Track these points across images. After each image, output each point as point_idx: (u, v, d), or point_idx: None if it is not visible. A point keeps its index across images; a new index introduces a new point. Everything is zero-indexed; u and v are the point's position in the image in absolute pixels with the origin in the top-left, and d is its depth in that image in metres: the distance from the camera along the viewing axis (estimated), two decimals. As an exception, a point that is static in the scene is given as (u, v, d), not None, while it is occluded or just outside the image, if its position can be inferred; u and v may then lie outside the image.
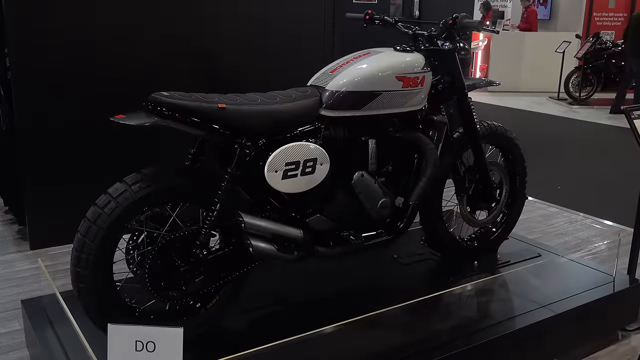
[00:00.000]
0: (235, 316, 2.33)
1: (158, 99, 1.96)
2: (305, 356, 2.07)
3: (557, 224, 4.26)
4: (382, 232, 2.45)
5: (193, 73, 3.90)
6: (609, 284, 2.76)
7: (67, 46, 3.46)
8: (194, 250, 2.06)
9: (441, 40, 2.53)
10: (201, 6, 3.85)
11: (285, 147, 2.11)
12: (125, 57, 3.64)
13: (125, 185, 1.96)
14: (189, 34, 3.84)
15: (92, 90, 3.55)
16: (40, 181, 3.53)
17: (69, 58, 3.48)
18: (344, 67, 2.34)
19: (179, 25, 3.79)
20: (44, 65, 3.42)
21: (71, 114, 3.52)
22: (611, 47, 10.57)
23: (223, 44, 3.99)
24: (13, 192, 3.88)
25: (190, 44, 3.86)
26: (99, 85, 3.56)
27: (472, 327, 2.36)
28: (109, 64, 3.59)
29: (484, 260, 2.97)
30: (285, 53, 4.20)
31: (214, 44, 3.96)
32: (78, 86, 3.52)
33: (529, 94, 11.17)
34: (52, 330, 2.27)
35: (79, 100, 3.52)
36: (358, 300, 2.56)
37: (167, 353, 1.71)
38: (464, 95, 2.62)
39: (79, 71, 3.51)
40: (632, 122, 2.83)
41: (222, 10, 3.94)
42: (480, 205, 2.89)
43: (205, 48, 3.94)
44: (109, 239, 1.93)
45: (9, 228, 3.98)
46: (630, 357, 2.64)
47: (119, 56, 3.62)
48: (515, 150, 2.96)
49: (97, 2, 3.51)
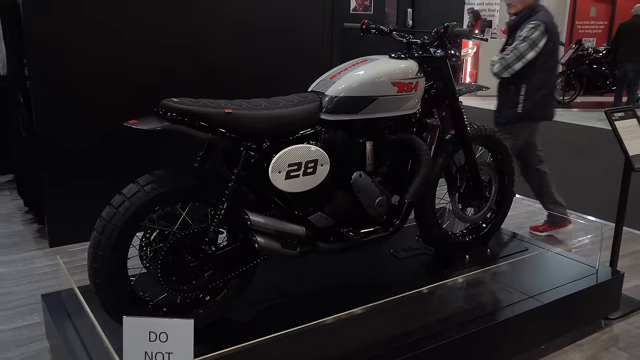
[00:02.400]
0: (242, 308, 2.33)
1: (168, 105, 1.96)
2: (308, 345, 2.07)
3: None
4: (379, 229, 2.45)
5: (201, 80, 3.91)
6: (592, 275, 2.76)
7: (81, 57, 3.47)
8: (203, 247, 2.06)
9: (433, 48, 2.53)
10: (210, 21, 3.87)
11: (288, 149, 2.11)
12: (137, 67, 3.65)
13: (138, 186, 1.96)
14: (198, 45, 3.85)
15: (106, 97, 3.55)
16: (58, 183, 3.53)
17: (84, 68, 3.49)
18: (342, 74, 2.34)
19: (188, 37, 3.79)
20: (60, 75, 3.43)
21: (86, 120, 3.53)
22: (592, 53, 10.57)
23: (230, 53, 3.99)
24: (32, 193, 3.88)
25: (198, 54, 3.87)
26: (112, 93, 3.57)
27: (464, 316, 2.35)
28: (121, 73, 3.60)
29: (475, 254, 2.96)
30: (287, 61, 4.21)
31: (221, 53, 3.97)
32: (92, 94, 3.53)
33: (516, 97, 11.13)
34: (70, 323, 2.27)
35: (93, 107, 3.53)
36: (357, 292, 2.56)
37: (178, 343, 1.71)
38: (455, 100, 2.62)
39: (92, 80, 3.52)
40: (613, 123, 2.83)
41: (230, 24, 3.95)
42: (471, 202, 2.89)
43: (213, 57, 3.94)
44: (124, 237, 1.93)
45: (29, 227, 3.98)
46: (613, 343, 2.64)
47: (131, 66, 3.63)
48: (503, 151, 2.96)
49: (109, 17, 3.51)
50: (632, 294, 3.06)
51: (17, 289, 3.09)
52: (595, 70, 10.45)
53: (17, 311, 2.86)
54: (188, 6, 3.76)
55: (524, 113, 3.60)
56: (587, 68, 10.44)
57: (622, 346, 2.62)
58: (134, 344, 1.71)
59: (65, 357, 2.10)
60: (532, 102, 3.57)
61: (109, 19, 3.52)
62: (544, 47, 3.49)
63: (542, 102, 3.61)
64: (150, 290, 2.11)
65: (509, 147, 3.01)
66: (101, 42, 3.51)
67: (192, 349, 1.72)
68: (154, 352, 1.71)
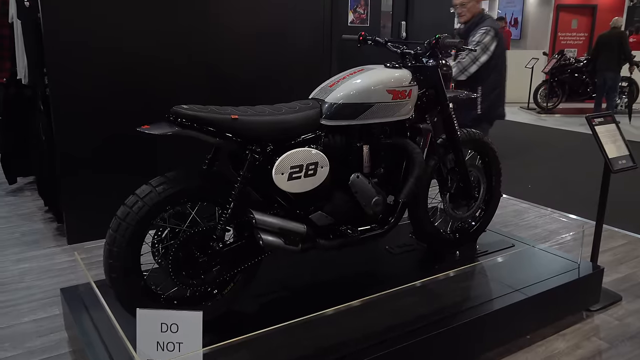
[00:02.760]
0: (247, 301, 2.32)
1: (178, 111, 1.96)
2: (309, 335, 2.06)
3: (529, 218, 4.26)
4: (375, 227, 2.45)
5: (209, 88, 3.91)
6: (574, 270, 2.76)
7: (97, 67, 3.47)
8: (211, 244, 2.06)
9: (426, 58, 2.53)
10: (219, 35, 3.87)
11: (290, 152, 2.11)
12: (149, 76, 3.65)
13: (150, 187, 1.96)
14: (206, 55, 3.85)
15: (120, 104, 3.55)
16: (75, 184, 3.53)
17: (99, 78, 3.49)
18: (341, 82, 2.33)
19: (197, 47, 3.79)
20: (77, 84, 3.43)
21: (102, 125, 3.53)
22: (574, 63, 10.57)
23: (236, 63, 3.99)
24: (52, 193, 3.88)
25: (206, 64, 3.87)
26: (126, 101, 3.57)
27: (455, 308, 2.35)
28: (134, 82, 3.60)
29: (464, 250, 2.96)
30: (290, 70, 4.21)
31: (228, 63, 3.97)
32: (108, 101, 3.53)
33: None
34: (87, 315, 2.27)
35: (108, 113, 3.53)
36: (355, 286, 2.56)
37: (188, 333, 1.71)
38: (446, 106, 2.62)
39: (107, 89, 3.52)
40: (594, 128, 2.83)
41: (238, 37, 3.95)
42: (461, 202, 2.88)
43: (220, 66, 3.94)
44: (137, 234, 1.93)
45: (49, 225, 3.98)
46: (594, 333, 2.64)
47: (143, 76, 3.63)
48: (491, 154, 2.96)
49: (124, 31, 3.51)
50: (612, 287, 3.06)
51: (38, 283, 3.09)
52: (577, 78, 10.46)
53: (38, 304, 2.86)
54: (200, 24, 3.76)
55: (483, 114, 3.66)
56: (569, 76, 10.45)
57: (602, 336, 2.62)
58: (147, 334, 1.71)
59: (82, 346, 2.10)
60: (488, 103, 3.65)
61: (124, 33, 3.51)
62: (495, 50, 3.58)
63: (496, 101, 3.70)
64: (162, 284, 2.10)
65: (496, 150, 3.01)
66: (116, 54, 3.51)
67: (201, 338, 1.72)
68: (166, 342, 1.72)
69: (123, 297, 1.98)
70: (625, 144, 2.88)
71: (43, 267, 3.30)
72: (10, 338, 2.54)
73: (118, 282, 1.95)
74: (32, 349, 2.45)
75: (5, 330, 2.60)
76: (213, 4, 3.82)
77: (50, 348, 2.46)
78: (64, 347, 2.47)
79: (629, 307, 2.88)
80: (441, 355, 2.24)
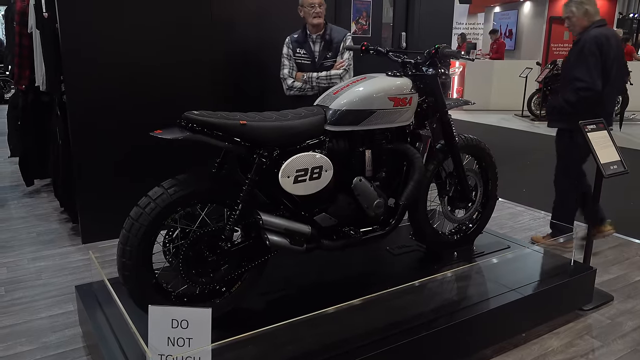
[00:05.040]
0: (254, 298, 2.32)
1: (190, 117, 1.96)
2: (312, 332, 2.06)
3: (523, 221, 4.25)
4: (377, 228, 2.44)
5: (219, 95, 3.91)
6: (567, 271, 2.75)
7: (111, 75, 3.48)
8: (220, 244, 2.06)
9: (425, 67, 2.53)
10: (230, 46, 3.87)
11: (296, 156, 2.11)
12: (162, 84, 3.66)
13: (162, 189, 1.96)
14: (216, 63, 3.86)
15: (133, 110, 3.56)
16: (90, 186, 3.53)
17: (113, 84, 3.50)
18: (344, 90, 2.34)
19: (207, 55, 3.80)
20: (92, 91, 3.44)
21: (115, 130, 3.53)
22: (566, 72, 10.55)
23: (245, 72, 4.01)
24: (67, 195, 3.88)
25: (216, 72, 3.87)
26: (139, 106, 3.57)
27: (452, 307, 2.34)
28: (147, 88, 3.61)
29: (462, 251, 2.95)
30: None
31: (237, 71, 3.98)
32: (122, 107, 3.54)
33: (498, 112, 11.14)
34: (101, 311, 2.27)
35: (122, 118, 3.53)
36: (357, 284, 2.55)
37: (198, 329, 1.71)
38: (445, 113, 2.62)
39: (121, 95, 3.53)
40: (586, 134, 2.82)
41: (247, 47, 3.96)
42: (458, 205, 2.88)
43: (230, 74, 3.96)
44: (149, 234, 1.93)
45: (64, 225, 3.99)
46: (587, 332, 2.62)
47: (156, 83, 3.63)
48: (487, 159, 2.95)
49: (137, 40, 3.53)
50: (604, 288, 3.05)
51: (54, 280, 3.10)
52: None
53: (53, 300, 2.86)
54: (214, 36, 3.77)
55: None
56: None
57: (595, 334, 2.61)
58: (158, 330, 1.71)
59: (96, 341, 2.10)
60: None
61: (138, 42, 3.53)
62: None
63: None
64: (173, 282, 2.10)
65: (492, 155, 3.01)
66: (130, 62, 3.52)
67: (210, 334, 1.72)
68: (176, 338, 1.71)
69: (135, 294, 1.98)
70: (617, 150, 2.87)
71: (58, 265, 3.31)
72: (26, 333, 2.54)
73: (131, 279, 1.95)
74: (47, 344, 2.45)
75: (22, 326, 2.60)
76: (226, 15, 3.84)
77: (65, 343, 2.46)
78: (78, 342, 2.46)
79: (621, 307, 2.87)
80: (440, 351, 2.23)
